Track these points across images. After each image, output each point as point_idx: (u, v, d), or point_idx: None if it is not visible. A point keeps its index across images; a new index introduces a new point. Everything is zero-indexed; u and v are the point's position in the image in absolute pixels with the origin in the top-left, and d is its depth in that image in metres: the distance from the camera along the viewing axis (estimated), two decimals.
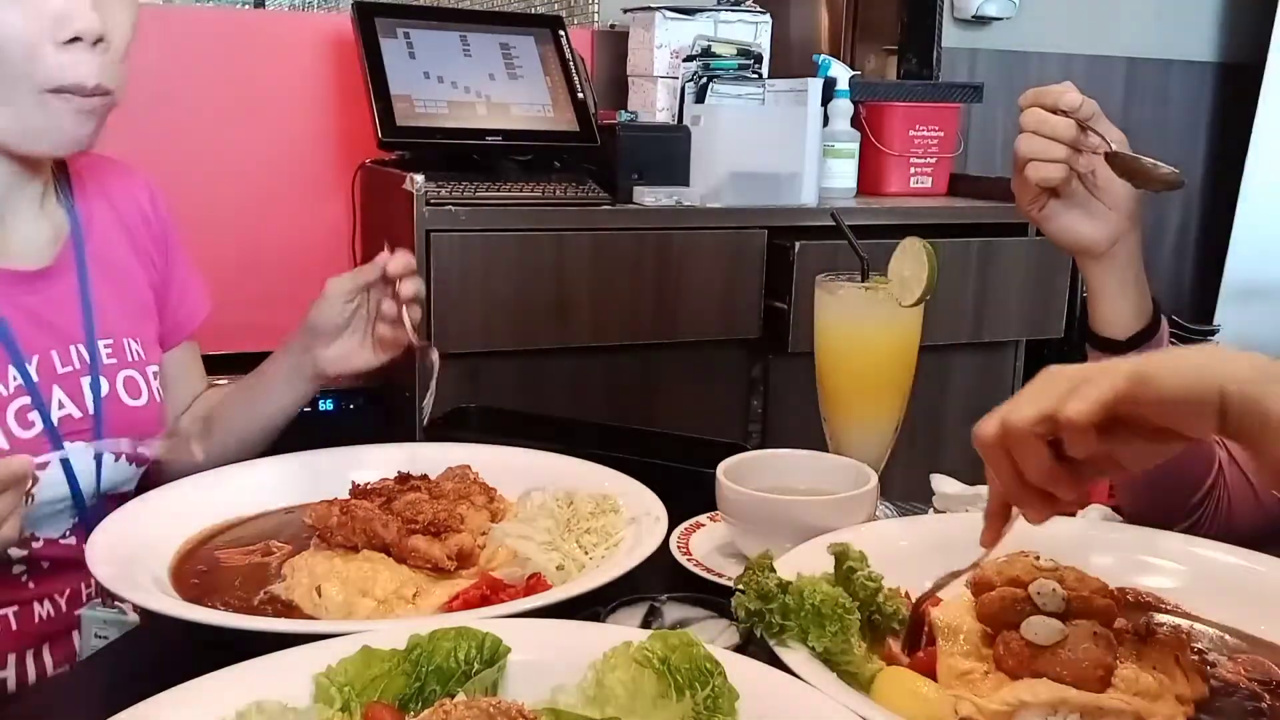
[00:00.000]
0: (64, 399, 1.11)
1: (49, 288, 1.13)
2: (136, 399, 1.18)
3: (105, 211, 1.22)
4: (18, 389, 1.07)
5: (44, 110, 1.02)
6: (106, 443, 1.09)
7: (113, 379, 1.16)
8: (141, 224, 1.26)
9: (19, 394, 1.07)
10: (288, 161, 2.42)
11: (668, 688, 0.64)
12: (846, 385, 1.14)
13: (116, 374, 1.17)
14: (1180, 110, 3.44)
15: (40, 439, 1.07)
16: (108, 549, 0.91)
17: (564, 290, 2.11)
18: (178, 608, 0.84)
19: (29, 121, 1.03)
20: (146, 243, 1.26)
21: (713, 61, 2.42)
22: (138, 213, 1.26)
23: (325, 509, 0.99)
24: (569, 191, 2.18)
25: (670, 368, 2.25)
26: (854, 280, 1.14)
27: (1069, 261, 2.51)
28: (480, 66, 2.30)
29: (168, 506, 1.03)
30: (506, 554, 0.96)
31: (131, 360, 1.19)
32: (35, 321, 1.10)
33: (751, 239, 2.24)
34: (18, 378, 1.07)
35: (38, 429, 1.08)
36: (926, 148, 2.65)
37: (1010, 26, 3.13)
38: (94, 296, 1.16)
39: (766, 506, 0.97)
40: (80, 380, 1.13)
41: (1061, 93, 0.97)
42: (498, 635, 0.71)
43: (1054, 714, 0.70)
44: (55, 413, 1.10)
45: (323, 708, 0.66)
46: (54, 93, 1.01)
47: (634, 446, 1.22)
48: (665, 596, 0.85)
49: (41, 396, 1.08)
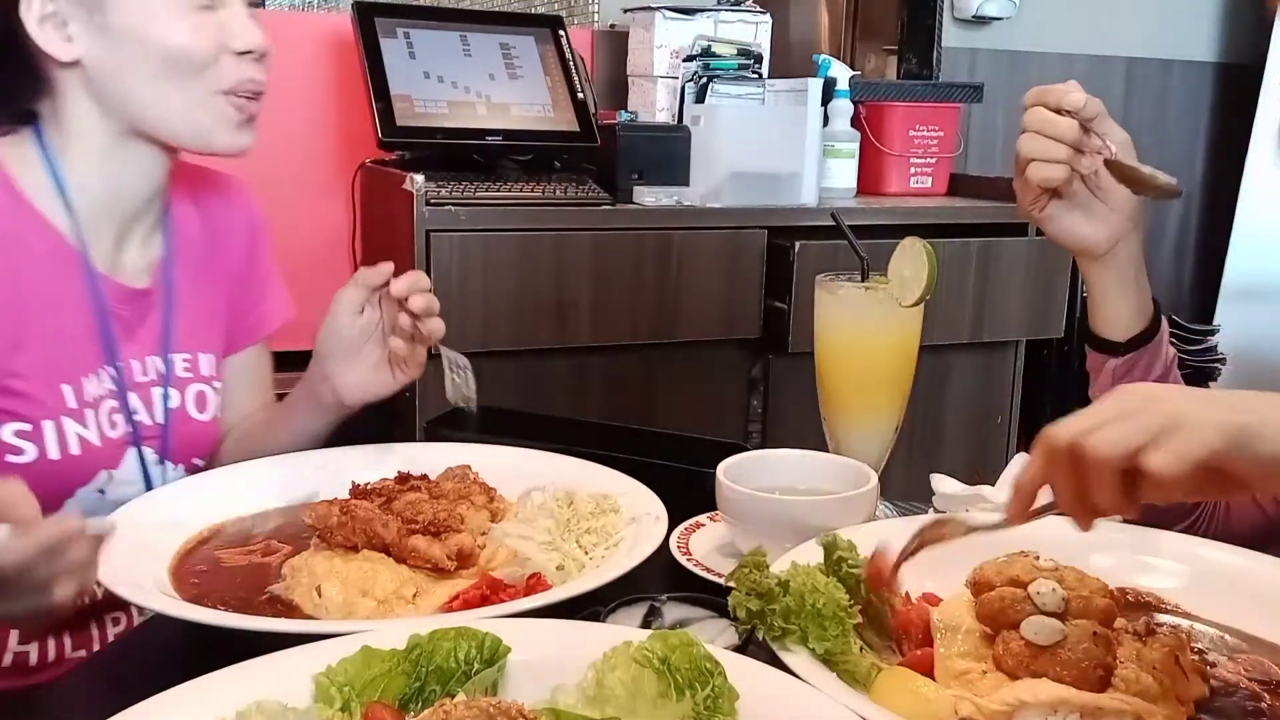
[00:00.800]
0: (139, 405, 1.16)
1: (141, 304, 1.18)
2: (203, 413, 1.22)
3: (198, 227, 1.26)
4: (109, 390, 1.13)
5: (215, 110, 1.11)
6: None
7: (183, 391, 1.20)
8: (231, 236, 1.29)
9: (110, 395, 1.13)
10: (288, 161, 2.41)
11: (668, 688, 0.64)
12: (846, 385, 1.14)
13: (187, 387, 1.21)
14: (1180, 110, 3.44)
15: (124, 440, 1.14)
16: (108, 549, 0.91)
17: (564, 290, 2.11)
18: (178, 608, 0.84)
19: (204, 120, 1.11)
20: (234, 253, 1.29)
21: (713, 61, 2.42)
22: (229, 225, 1.30)
23: (325, 509, 0.99)
24: (569, 191, 2.18)
25: (670, 368, 2.25)
26: (854, 280, 1.14)
27: (1069, 261, 2.51)
28: (480, 66, 2.30)
29: (168, 506, 1.03)
30: (506, 554, 0.96)
31: (204, 375, 1.23)
32: (127, 333, 1.16)
33: (751, 239, 2.24)
34: (110, 380, 1.13)
35: (121, 430, 1.14)
36: (926, 148, 2.65)
37: (1010, 26, 3.13)
38: (176, 312, 1.20)
39: (766, 506, 0.97)
40: (153, 390, 1.17)
41: (1065, 92, 0.97)
42: (498, 635, 0.71)
43: (1054, 714, 0.70)
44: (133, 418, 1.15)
45: (323, 708, 0.66)
46: (226, 94, 1.11)
47: (634, 446, 1.22)
48: (665, 596, 0.85)
49: (126, 401, 1.14)
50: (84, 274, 1.12)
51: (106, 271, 1.14)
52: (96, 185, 1.12)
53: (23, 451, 1.06)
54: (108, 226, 1.14)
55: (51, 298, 1.09)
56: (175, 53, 1.07)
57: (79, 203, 1.11)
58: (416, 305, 1.12)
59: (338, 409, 1.19)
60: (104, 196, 1.13)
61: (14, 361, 1.06)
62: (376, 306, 1.15)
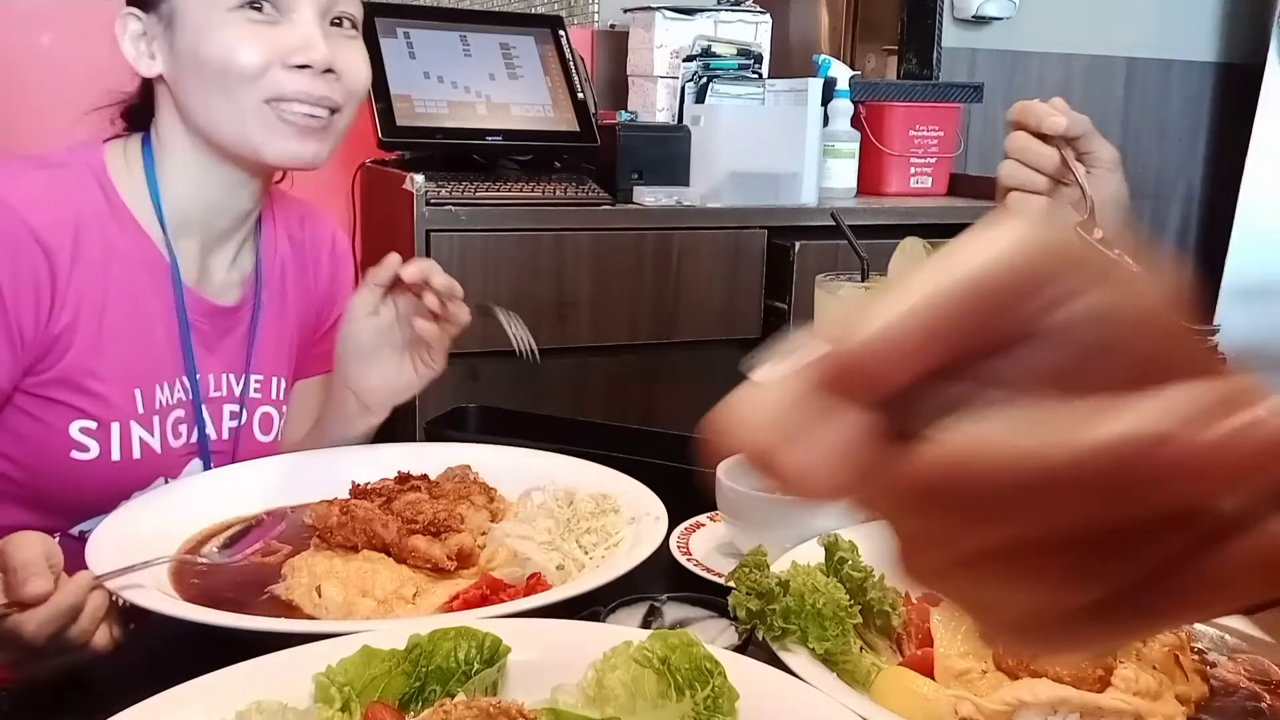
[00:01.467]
0: (208, 420, 1.18)
1: (226, 322, 1.20)
2: (267, 435, 1.24)
3: (287, 252, 1.28)
4: (180, 400, 1.14)
5: (263, 119, 1.09)
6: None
7: (253, 412, 1.22)
8: (317, 265, 1.31)
9: (181, 405, 1.15)
10: None
11: (668, 688, 0.64)
12: None
13: (257, 408, 1.23)
14: (1180, 110, 3.44)
15: (188, 451, 1.15)
16: (108, 549, 0.91)
17: (564, 290, 2.11)
18: (178, 608, 0.84)
19: (251, 129, 1.10)
20: (320, 285, 1.31)
21: (713, 61, 2.42)
22: (316, 255, 1.31)
23: (325, 509, 0.99)
24: (569, 191, 2.18)
25: (670, 368, 2.25)
26: (854, 280, 1.14)
27: None
28: (480, 66, 2.30)
29: (168, 506, 1.03)
30: (506, 554, 0.96)
31: (273, 399, 1.24)
32: (207, 349, 1.18)
33: (751, 239, 2.24)
34: (185, 392, 1.15)
35: (186, 441, 1.15)
36: (926, 148, 2.65)
37: (1010, 26, 3.13)
38: (259, 334, 1.22)
39: (766, 506, 0.97)
40: (224, 407, 1.19)
41: (1047, 114, 0.95)
42: (498, 635, 0.71)
43: (1054, 714, 0.70)
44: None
45: (323, 708, 0.66)
46: (274, 101, 1.09)
47: (634, 446, 1.22)
48: (665, 596, 0.85)
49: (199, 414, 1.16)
50: (171, 285, 1.14)
51: (193, 285, 1.16)
52: (186, 199, 1.14)
53: (87, 449, 1.08)
54: (197, 240, 1.17)
55: (137, 304, 1.11)
56: (221, 63, 1.07)
57: (171, 214, 1.14)
58: (439, 283, 1.11)
59: (364, 416, 1.17)
60: (193, 210, 1.15)
61: (94, 362, 1.08)
62: (389, 305, 1.14)
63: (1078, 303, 0.29)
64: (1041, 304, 0.29)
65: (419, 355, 1.15)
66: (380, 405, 1.16)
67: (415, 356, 1.15)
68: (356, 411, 1.16)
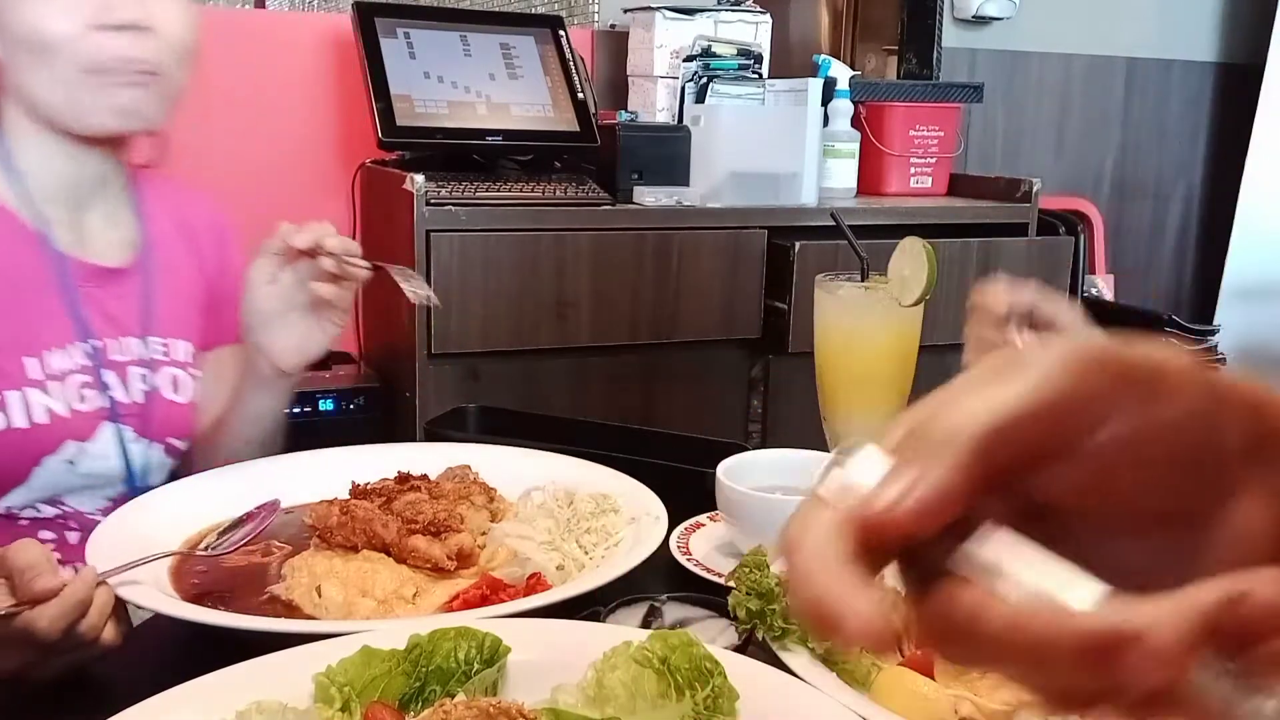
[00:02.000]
0: (116, 383, 1.18)
1: (118, 285, 1.21)
2: (178, 395, 1.24)
3: (171, 221, 1.30)
4: (82, 365, 1.15)
5: (85, 89, 1.10)
6: None
7: (158, 374, 1.23)
8: (203, 233, 1.33)
9: (83, 370, 1.15)
10: (288, 161, 2.42)
11: (668, 688, 0.65)
12: (846, 385, 1.14)
13: (162, 369, 1.23)
14: (1180, 110, 3.44)
15: (97, 414, 1.16)
16: (108, 548, 0.91)
17: (564, 290, 2.11)
18: (178, 608, 0.84)
19: (79, 99, 1.11)
20: (205, 252, 1.33)
21: (713, 61, 2.42)
22: (200, 224, 1.34)
23: (325, 509, 0.99)
24: (569, 191, 2.18)
25: (670, 368, 2.25)
26: (854, 280, 1.14)
27: (1069, 261, 2.51)
28: (480, 66, 2.30)
29: (168, 506, 1.03)
30: (506, 554, 0.96)
31: (180, 360, 1.25)
32: (102, 312, 1.19)
33: (751, 239, 2.24)
34: (83, 356, 1.16)
35: (93, 404, 1.16)
36: (926, 148, 2.65)
37: (1010, 26, 3.13)
38: (155, 297, 1.24)
39: (766, 506, 0.97)
40: (130, 370, 1.20)
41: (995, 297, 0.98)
42: (498, 635, 0.71)
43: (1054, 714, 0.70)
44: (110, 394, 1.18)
45: (323, 708, 0.66)
46: (93, 73, 1.09)
47: (634, 446, 1.22)
48: (665, 596, 0.85)
49: (101, 377, 1.17)
50: (46, 252, 1.15)
51: (72, 250, 1.17)
52: (41, 172, 1.16)
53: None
54: (65, 207, 1.18)
55: (12, 274, 1.13)
56: (33, 34, 1.08)
57: (32, 186, 1.15)
58: (334, 245, 1.12)
59: (279, 379, 1.20)
60: (50, 182, 1.16)
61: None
62: (288, 271, 1.15)
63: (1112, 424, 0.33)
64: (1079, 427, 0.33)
65: (324, 315, 1.17)
66: (293, 366, 1.18)
67: (320, 316, 1.17)
68: (272, 375, 1.19)
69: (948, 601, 0.31)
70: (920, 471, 0.32)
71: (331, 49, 2.41)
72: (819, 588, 0.31)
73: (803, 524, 0.32)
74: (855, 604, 0.30)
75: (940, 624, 0.32)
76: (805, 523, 0.32)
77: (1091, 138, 3.33)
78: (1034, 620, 0.30)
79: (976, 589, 0.31)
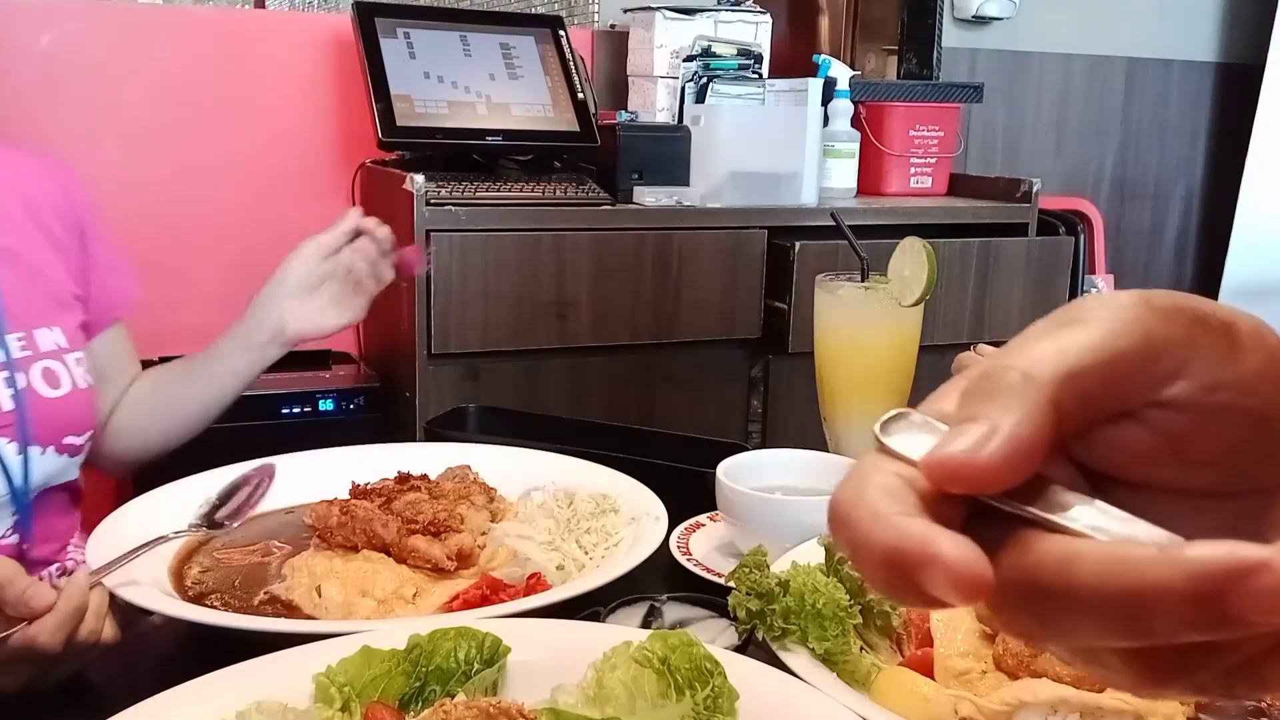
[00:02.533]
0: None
1: None
2: (56, 389, 1.17)
3: (14, 203, 1.22)
4: None
5: None
6: None
7: (27, 372, 1.15)
8: (54, 213, 1.25)
9: None
10: (288, 162, 2.42)
11: (668, 688, 0.64)
12: (846, 385, 1.14)
13: (31, 366, 1.16)
14: (1180, 110, 3.44)
15: None
16: (108, 549, 0.91)
17: (564, 290, 2.11)
18: (178, 608, 0.84)
19: None
20: (60, 231, 1.25)
21: (713, 61, 2.42)
22: (50, 202, 1.25)
23: (325, 509, 0.99)
24: (569, 191, 2.18)
25: (670, 368, 2.25)
26: (854, 280, 1.14)
27: (1069, 261, 2.51)
28: (480, 66, 2.30)
29: (168, 506, 1.03)
30: (506, 554, 0.96)
31: (49, 350, 1.18)
32: None
33: (751, 239, 2.24)
34: None
35: None
36: (926, 148, 2.65)
37: (1010, 26, 3.13)
38: (2, 290, 1.16)
39: (766, 506, 0.97)
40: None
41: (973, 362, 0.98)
42: (498, 635, 0.71)
43: (1054, 714, 0.70)
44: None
45: (323, 708, 0.66)
46: None
47: (634, 446, 1.22)
48: (665, 596, 0.85)
49: None
50: None
51: None
52: None
53: None
54: None
55: None
56: None
57: None
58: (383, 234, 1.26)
59: (269, 347, 1.24)
60: None
61: None
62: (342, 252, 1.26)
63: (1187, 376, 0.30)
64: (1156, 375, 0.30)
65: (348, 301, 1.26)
66: (297, 333, 1.25)
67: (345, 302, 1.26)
68: (265, 341, 1.24)
69: (1037, 550, 0.27)
70: (995, 420, 0.28)
71: (331, 49, 2.41)
72: (895, 535, 0.27)
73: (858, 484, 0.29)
74: (945, 543, 0.26)
75: (1028, 576, 0.27)
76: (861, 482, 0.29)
77: (1091, 138, 3.33)
78: (1140, 558, 0.26)
79: (1064, 537, 0.27)
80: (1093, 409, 0.29)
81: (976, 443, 0.28)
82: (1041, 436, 0.28)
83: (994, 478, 0.28)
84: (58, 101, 2.20)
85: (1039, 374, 0.28)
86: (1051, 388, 0.28)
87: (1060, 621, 0.27)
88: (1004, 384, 0.28)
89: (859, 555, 0.28)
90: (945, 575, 0.26)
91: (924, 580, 0.26)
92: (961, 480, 0.28)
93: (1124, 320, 0.29)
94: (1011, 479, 0.28)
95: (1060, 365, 0.28)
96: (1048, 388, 0.28)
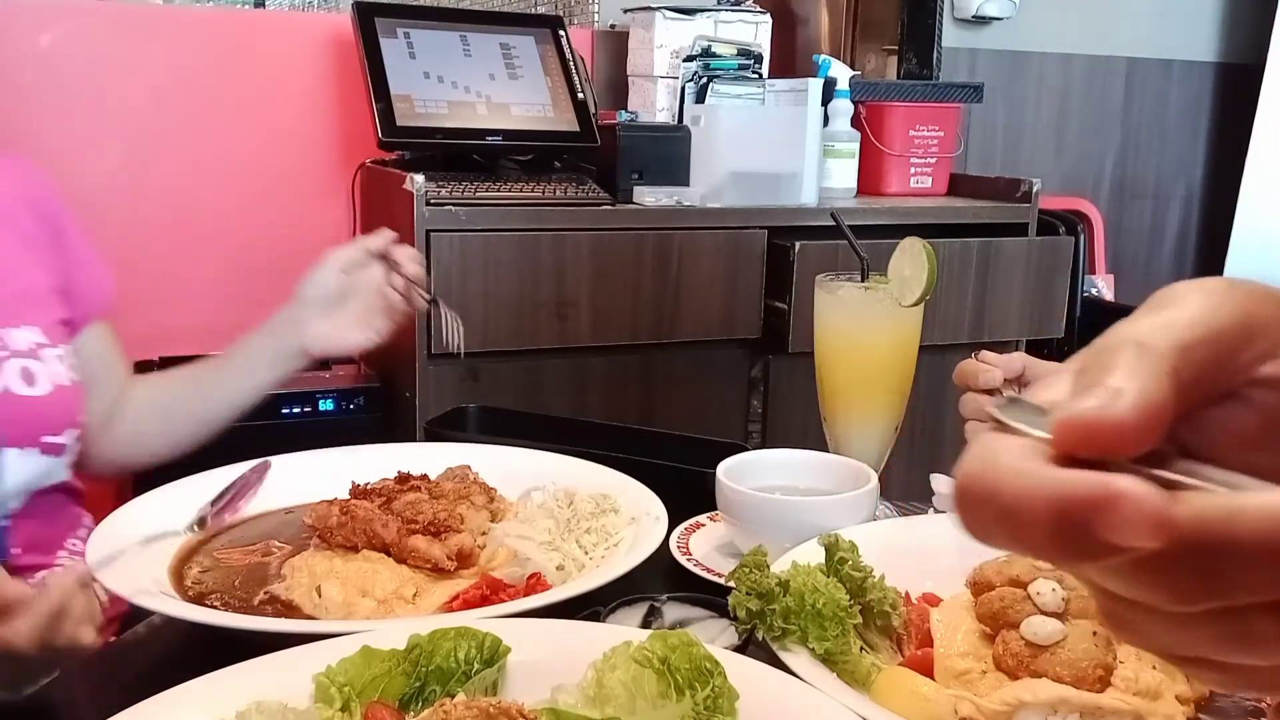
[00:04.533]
0: None
1: None
2: (33, 387, 1.15)
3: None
4: None
5: None
6: None
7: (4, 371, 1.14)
8: (26, 209, 1.24)
9: None
10: (288, 162, 2.42)
11: (668, 688, 0.64)
12: (846, 385, 1.14)
13: (4, 366, 1.14)
14: (1180, 110, 3.44)
15: None
16: (108, 549, 0.91)
17: (564, 290, 2.11)
18: (178, 608, 0.84)
19: None
20: (33, 228, 1.24)
21: (713, 61, 2.42)
22: (19, 202, 1.24)
23: (325, 509, 0.99)
24: (569, 191, 2.18)
25: (670, 368, 2.25)
26: (854, 280, 1.14)
27: (1069, 261, 2.51)
28: (480, 66, 2.30)
29: (168, 506, 1.03)
30: (506, 554, 0.96)
31: (23, 349, 1.16)
32: None
33: (751, 239, 2.24)
34: None
35: None
36: (926, 148, 2.65)
37: (1010, 26, 3.13)
38: None
39: (766, 506, 0.97)
40: None
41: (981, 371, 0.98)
42: (498, 635, 0.71)
43: (1054, 714, 0.70)
44: None
45: (323, 708, 0.66)
46: None
47: (634, 446, 1.22)
48: (665, 596, 0.85)
49: None
50: None
51: None
52: None
53: None
54: None
55: None
56: None
57: None
58: (411, 271, 1.22)
59: (295, 358, 1.23)
60: None
61: None
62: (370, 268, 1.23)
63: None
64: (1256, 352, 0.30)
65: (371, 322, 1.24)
66: (318, 350, 1.24)
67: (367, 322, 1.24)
68: (290, 353, 1.23)
69: (1196, 504, 0.26)
70: (1121, 384, 0.27)
71: (331, 49, 2.41)
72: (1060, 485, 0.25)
73: (988, 455, 0.27)
74: (1124, 481, 0.25)
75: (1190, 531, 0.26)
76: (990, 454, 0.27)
77: (1091, 138, 3.33)
78: None
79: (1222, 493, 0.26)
80: (1204, 384, 0.29)
81: (1108, 400, 0.27)
82: (1168, 400, 0.27)
83: (1129, 435, 0.27)
84: (58, 101, 2.20)
85: (1155, 344, 0.28)
86: (1170, 357, 0.28)
87: (1227, 574, 0.26)
88: (1122, 355, 0.28)
89: (1016, 518, 0.26)
90: (1133, 512, 0.25)
91: (1103, 524, 0.25)
92: (1096, 439, 0.27)
93: (1219, 300, 0.30)
94: (1143, 440, 0.27)
95: (1171, 337, 0.28)
96: (1167, 356, 0.28)
